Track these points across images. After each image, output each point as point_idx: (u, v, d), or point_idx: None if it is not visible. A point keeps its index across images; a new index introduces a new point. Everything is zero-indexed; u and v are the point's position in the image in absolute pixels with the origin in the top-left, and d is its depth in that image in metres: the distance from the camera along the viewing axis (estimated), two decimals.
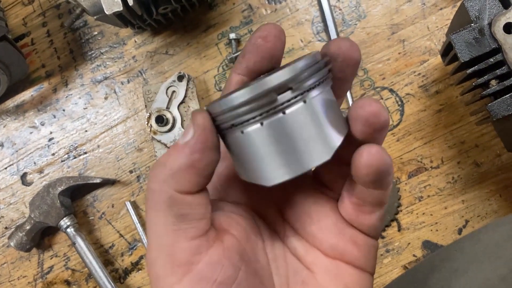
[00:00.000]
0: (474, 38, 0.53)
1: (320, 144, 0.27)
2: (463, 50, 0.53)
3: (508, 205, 0.66)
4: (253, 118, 0.27)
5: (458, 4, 0.68)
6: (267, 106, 0.26)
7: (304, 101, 0.27)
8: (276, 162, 0.27)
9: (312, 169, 0.35)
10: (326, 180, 0.34)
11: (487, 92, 0.53)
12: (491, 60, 0.52)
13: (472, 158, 0.67)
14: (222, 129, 0.28)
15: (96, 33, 0.76)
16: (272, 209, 0.35)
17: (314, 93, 0.27)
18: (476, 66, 0.53)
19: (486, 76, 0.53)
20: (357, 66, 0.30)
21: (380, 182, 0.29)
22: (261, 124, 0.27)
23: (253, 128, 0.27)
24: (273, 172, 0.27)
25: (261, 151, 0.27)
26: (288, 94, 0.26)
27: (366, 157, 0.27)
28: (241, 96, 0.26)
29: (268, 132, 0.27)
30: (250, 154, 0.28)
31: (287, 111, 0.26)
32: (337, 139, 0.28)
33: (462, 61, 0.53)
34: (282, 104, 0.26)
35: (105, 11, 0.59)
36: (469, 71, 0.53)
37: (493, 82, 0.53)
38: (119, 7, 0.59)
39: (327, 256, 0.33)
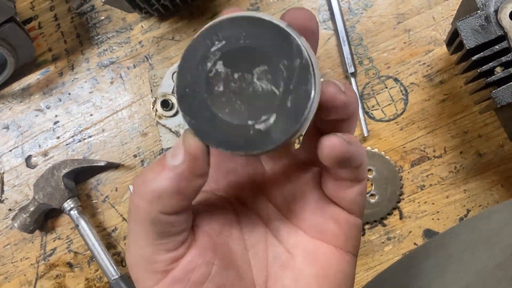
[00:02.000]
0: (480, 25, 0.53)
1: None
2: (469, 37, 0.53)
3: (509, 196, 0.66)
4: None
5: None
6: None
7: None
8: None
9: (296, 147, 0.36)
10: (309, 156, 0.34)
11: (491, 79, 0.53)
12: (497, 47, 0.53)
13: (475, 148, 0.67)
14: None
15: (103, 18, 0.77)
16: (253, 192, 0.34)
17: None
18: (481, 53, 0.53)
19: (491, 63, 0.53)
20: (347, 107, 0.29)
21: (348, 164, 0.29)
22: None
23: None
24: None
25: None
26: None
27: (326, 150, 0.28)
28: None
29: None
30: None
31: None
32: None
33: (468, 47, 0.53)
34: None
35: None
36: (474, 58, 0.54)
37: (498, 69, 0.53)
38: None
39: (309, 235, 0.33)
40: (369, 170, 0.69)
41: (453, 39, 0.59)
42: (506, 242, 0.41)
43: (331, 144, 0.27)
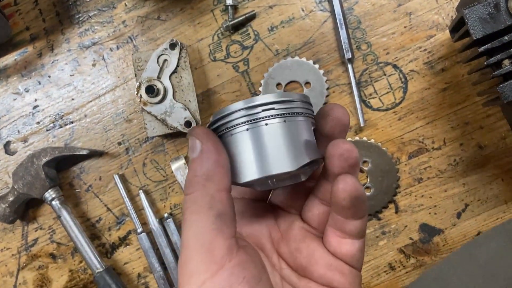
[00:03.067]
0: (489, 14, 0.49)
1: (288, 157, 0.33)
2: (476, 26, 0.50)
3: (510, 190, 0.64)
4: (242, 123, 0.33)
5: None
6: (254, 115, 0.33)
7: (285, 121, 0.33)
8: (251, 163, 0.33)
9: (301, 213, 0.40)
10: (313, 221, 0.38)
11: (499, 73, 0.50)
12: (506, 38, 0.49)
13: (475, 140, 0.64)
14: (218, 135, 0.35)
15: None
16: (269, 244, 0.39)
17: (293, 118, 0.34)
18: (489, 44, 0.50)
19: (499, 55, 0.50)
20: (346, 129, 0.37)
21: (356, 209, 0.34)
22: (247, 129, 0.33)
23: (240, 131, 0.33)
24: (247, 171, 0.33)
25: (242, 153, 0.33)
26: (273, 111, 0.33)
27: (342, 185, 0.32)
28: (234, 106, 0.34)
29: (251, 136, 0.33)
30: (233, 155, 0.34)
31: (269, 122, 0.33)
32: (303, 159, 0.33)
33: (475, 38, 0.50)
34: (266, 117, 0.33)
35: None
36: (481, 49, 0.50)
37: (506, 61, 0.50)
38: None
39: (318, 284, 0.36)
40: (365, 162, 0.66)
41: (458, 27, 0.55)
42: (504, 274, 0.44)
43: (346, 181, 0.32)
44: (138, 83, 0.67)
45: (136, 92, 0.67)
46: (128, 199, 0.69)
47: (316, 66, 0.66)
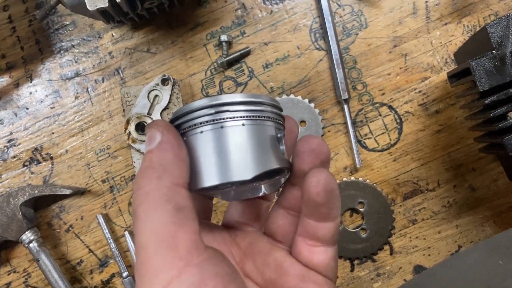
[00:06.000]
0: (495, 66, 0.50)
1: (252, 162, 0.30)
2: (483, 79, 0.50)
3: (501, 232, 0.64)
4: (201, 123, 0.30)
5: (464, 20, 0.65)
6: (215, 115, 0.30)
7: (243, 124, 0.30)
8: (210, 168, 0.30)
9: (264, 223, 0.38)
10: (278, 234, 0.36)
11: (504, 125, 0.50)
12: (511, 91, 0.50)
13: (468, 182, 0.65)
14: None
15: (67, 23, 0.68)
16: (232, 261, 0.35)
17: (255, 122, 0.31)
18: (495, 97, 0.50)
19: (504, 108, 0.50)
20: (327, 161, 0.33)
21: (330, 205, 0.31)
22: (207, 131, 0.30)
23: (199, 132, 0.31)
24: (206, 176, 0.30)
25: (201, 156, 0.30)
26: (237, 113, 0.30)
27: (315, 178, 0.30)
28: (195, 104, 0.31)
29: (212, 139, 0.30)
30: (191, 158, 0.31)
31: (226, 125, 0.30)
32: (267, 165, 0.30)
33: (481, 90, 0.50)
34: (229, 118, 0.30)
35: (88, 7, 0.51)
36: (488, 101, 0.50)
37: (511, 114, 0.50)
38: (104, 3, 0.51)
39: None
40: (360, 202, 0.65)
41: (460, 75, 0.55)
42: (485, 276, 0.43)
43: (319, 174, 0.30)
44: (126, 119, 0.63)
45: (124, 129, 0.63)
46: (112, 240, 0.66)
47: (312, 105, 0.65)
